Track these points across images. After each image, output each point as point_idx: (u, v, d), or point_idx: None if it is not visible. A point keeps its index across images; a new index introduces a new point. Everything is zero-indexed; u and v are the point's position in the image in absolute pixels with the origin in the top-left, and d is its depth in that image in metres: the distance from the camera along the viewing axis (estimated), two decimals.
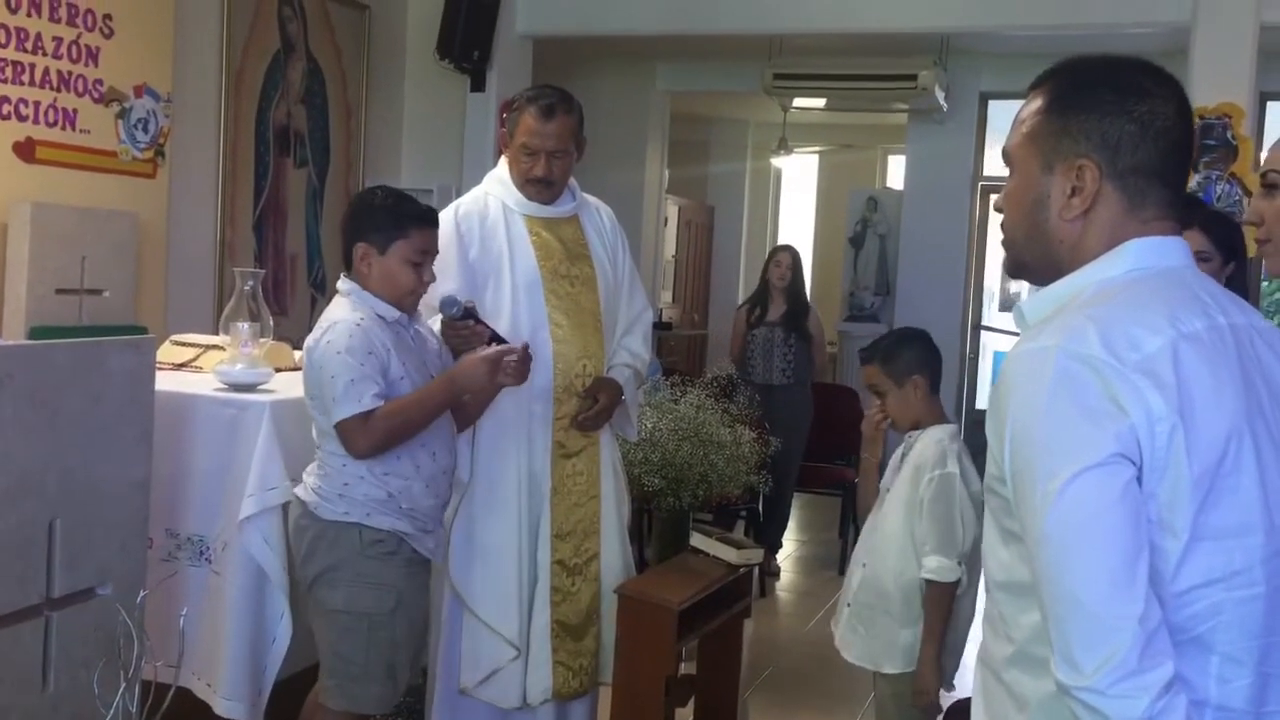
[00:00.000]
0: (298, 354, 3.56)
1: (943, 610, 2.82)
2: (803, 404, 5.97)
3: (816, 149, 10.38)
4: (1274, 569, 1.29)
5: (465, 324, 2.83)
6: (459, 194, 6.62)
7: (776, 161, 10.17)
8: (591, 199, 3.33)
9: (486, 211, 3.13)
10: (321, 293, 6.37)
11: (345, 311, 2.63)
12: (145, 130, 4.99)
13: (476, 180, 6.65)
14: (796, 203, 10.93)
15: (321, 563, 2.62)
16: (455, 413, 2.81)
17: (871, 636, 2.92)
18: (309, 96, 6.27)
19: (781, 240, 10.68)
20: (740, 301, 8.50)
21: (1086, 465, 1.24)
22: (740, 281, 10.07)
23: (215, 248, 5.60)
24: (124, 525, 2.37)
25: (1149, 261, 1.37)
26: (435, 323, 2.93)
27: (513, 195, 3.15)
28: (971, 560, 2.82)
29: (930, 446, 2.89)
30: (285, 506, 2.88)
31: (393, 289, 2.65)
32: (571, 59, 7.84)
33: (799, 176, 10.85)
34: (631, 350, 3.28)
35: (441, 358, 2.86)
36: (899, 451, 3.02)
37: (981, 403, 8.68)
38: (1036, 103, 1.45)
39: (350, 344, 2.54)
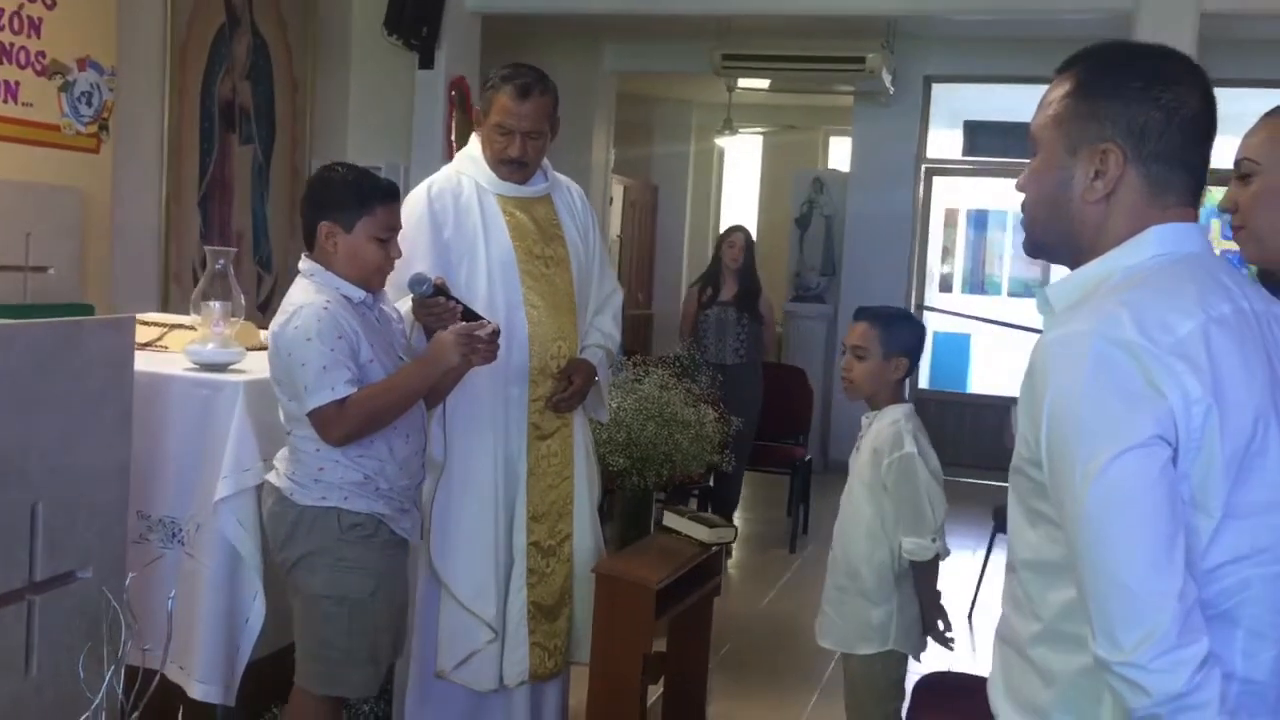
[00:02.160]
0: (264, 333, 3.52)
1: (932, 584, 2.89)
2: (754, 383, 6.03)
3: (760, 130, 10.43)
4: None
5: (437, 301, 2.78)
6: (408, 172, 6.62)
7: (720, 142, 10.19)
8: (563, 178, 3.32)
9: (460, 190, 3.11)
10: (268, 271, 6.27)
11: (310, 294, 2.57)
12: (89, 104, 4.87)
13: (426, 159, 6.68)
14: (740, 183, 10.97)
15: (300, 548, 2.59)
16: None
17: (844, 619, 2.97)
18: (254, 72, 6.15)
19: (725, 220, 10.73)
20: (685, 281, 8.56)
21: (1127, 446, 1.27)
22: (684, 261, 10.09)
23: (160, 224, 5.48)
24: (105, 508, 2.33)
25: (1171, 247, 1.41)
26: (403, 303, 2.89)
27: (486, 174, 3.12)
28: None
29: (886, 428, 2.93)
30: (258, 488, 2.84)
31: (359, 267, 2.61)
32: (520, 37, 7.78)
33: (742, 157, 10.88)
34: (603, 331, 3.28)
35: (408, 337, 2.83)
36: (859, 434, 3.07)
37: (924, 382, 8.82)
38: (1064, 86, 1.47)
39: (319, 329, 2.49)
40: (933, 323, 8.51)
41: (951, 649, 3.02)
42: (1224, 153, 1.67)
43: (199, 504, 2.89)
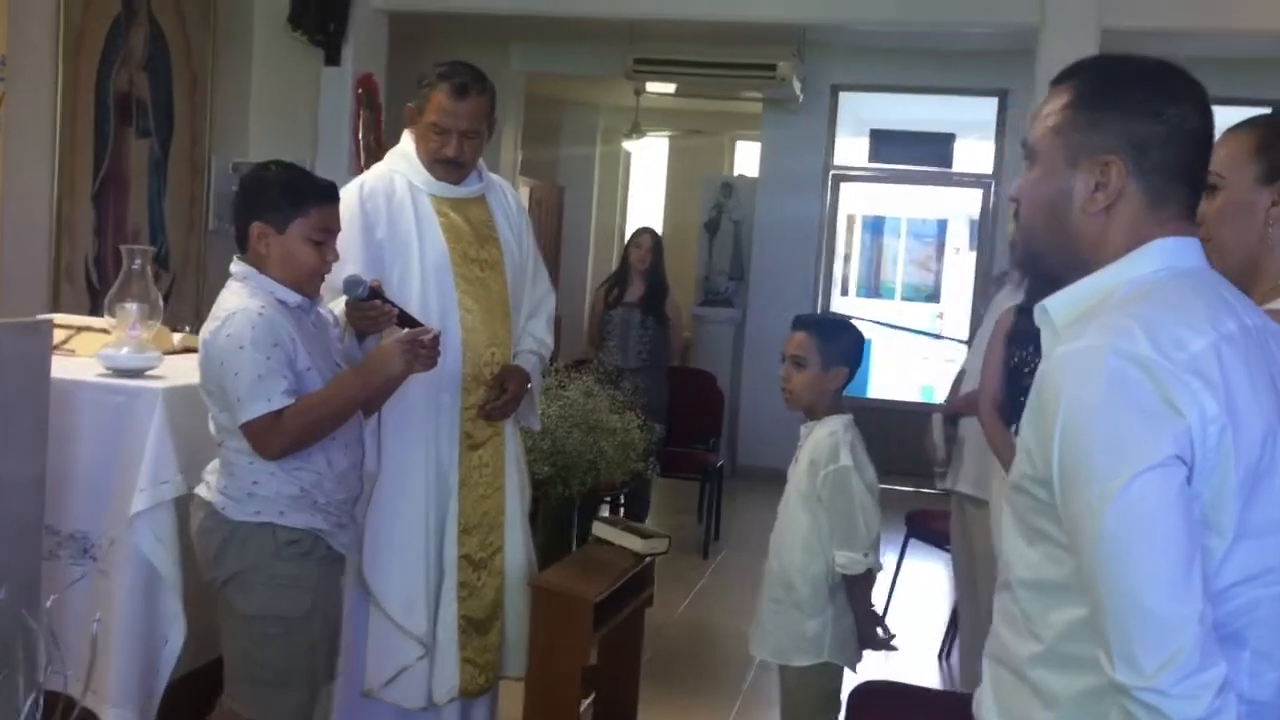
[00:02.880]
0: (178, 336, 3.36)
1: (865, 597, 2.89)
2: (658, 388, 5.97)
3: (666, 134, 10.43)
4: None
5: (373, 304, 2.68)
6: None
7: (627, 145, 10.16)
8: (497, 179, 3.24)
9: (393, 189, 3.00)
10: (165, 269, 6.04)
11: (243, 299, 2.44)
12: None
13: (332, 158, 6.51)
14: (645, 186, 10.95)
15: (232, 566, 2.46)
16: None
17: (779, 631, 2.94)
18: (152, 64, 5.92)
19: (631, 223, 10.70)
20: (591, 284, 8.50)
21: (1146, 466, 1.25)
22: (590, 264, 10.04)
23: (51, 220, 5.23)
24: (19, 522, 2.20)
25: (1173, 261, 1.40)
26: (337, 305, 2.78)
27: (420, 174, 3.02)
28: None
29: (824, 440, 2.92)
30: (177, 501, 2.70)
31: (293, 270, 2.49)
32: (427, 35, 7.64)
33: (648, 161, 10.87)
34: (536, 336, 3.21)
35: (344, 342, 2.72)
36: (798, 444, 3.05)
37: None
38: (1064, 97, 1.45)
39: (254, 336, 2.37)
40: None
41: (895, 649, 3.01)
42: None
43: (112, 518, 2.74)
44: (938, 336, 9.98)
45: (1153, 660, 1.23)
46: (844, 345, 2.96)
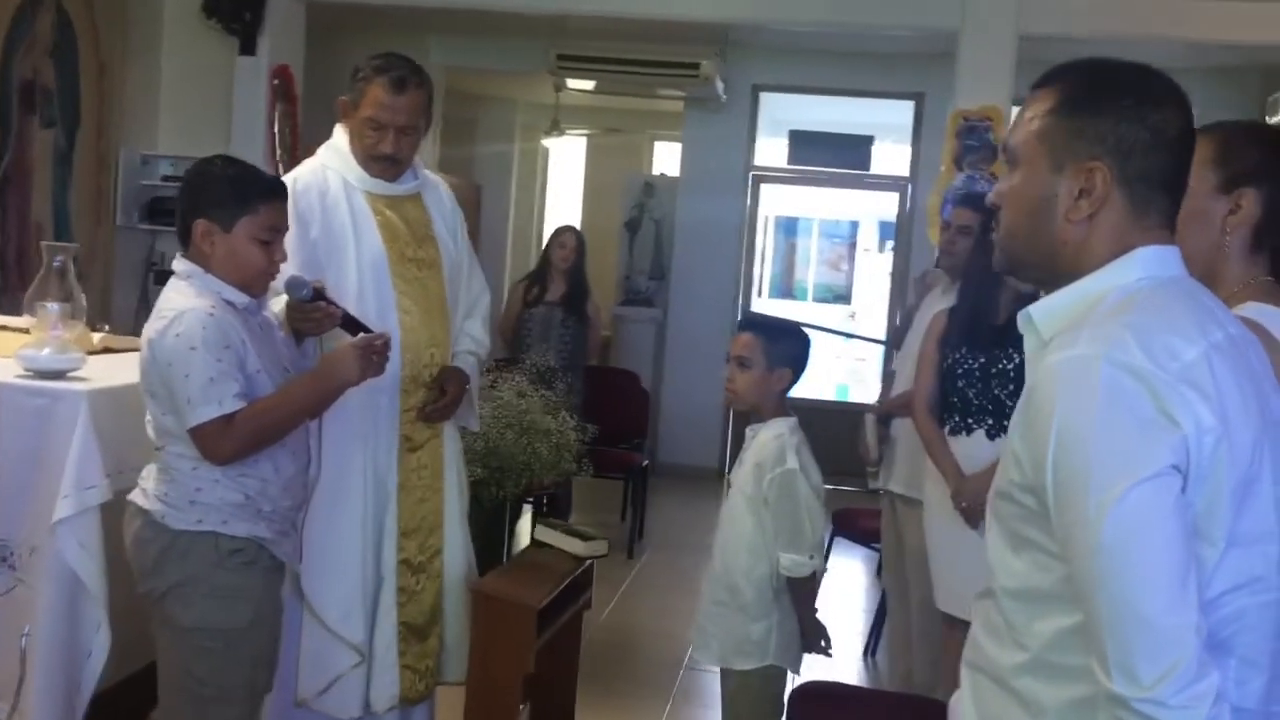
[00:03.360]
0: (97, 336, 3.23)
1: (809, 600, 2.89)
2: (578, 386, 5.91)
3: (584, 132, 10.37)
4: None
5: (316, 306, 2.60)
6: None
7: (546, 142, 10.09)
8: (432, 176, 3.16)
9: (327, 186, 2.91)
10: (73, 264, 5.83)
11: (190, 299, 2.34)
12: None
13: (246, 150, 6.34)
14: (562, 185, 10.88)
15: (172, 577, 2.35)
16: None
17: (723, 634, 2.92)
18: (58, 51, 5.71)
19: (550, 221, 10.62)
20: (508, 282, 8.41)
21: (1144, 476, 1.24)
22: (508, 262, 9.94)
23: None
24: None
25: (1157, 270, 1.40)
26: (276, 304, 2.69)
27: (354, 170, 2.94)
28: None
29: (770, 442, 2.91)
30: (103, 507, 2.59)
31: (239, 270, 2.40)
32: (345, 25, 7.49)
33: (567, 158, 10.80)
34: (474, 336, 3.15)
35: (289, 345, 2.63)
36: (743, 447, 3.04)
37: None
38: (1047, 102, 1.44)
39: (205, 337, 2.28)
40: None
41: (831, 656, 3.02)
42: None
43: (33, 525, 2.61)
44: (851, 336, 10.09)
45: (1152, 671, 1.22)
46: (789, 348, 2.95)
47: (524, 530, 5.58)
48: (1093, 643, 1.28)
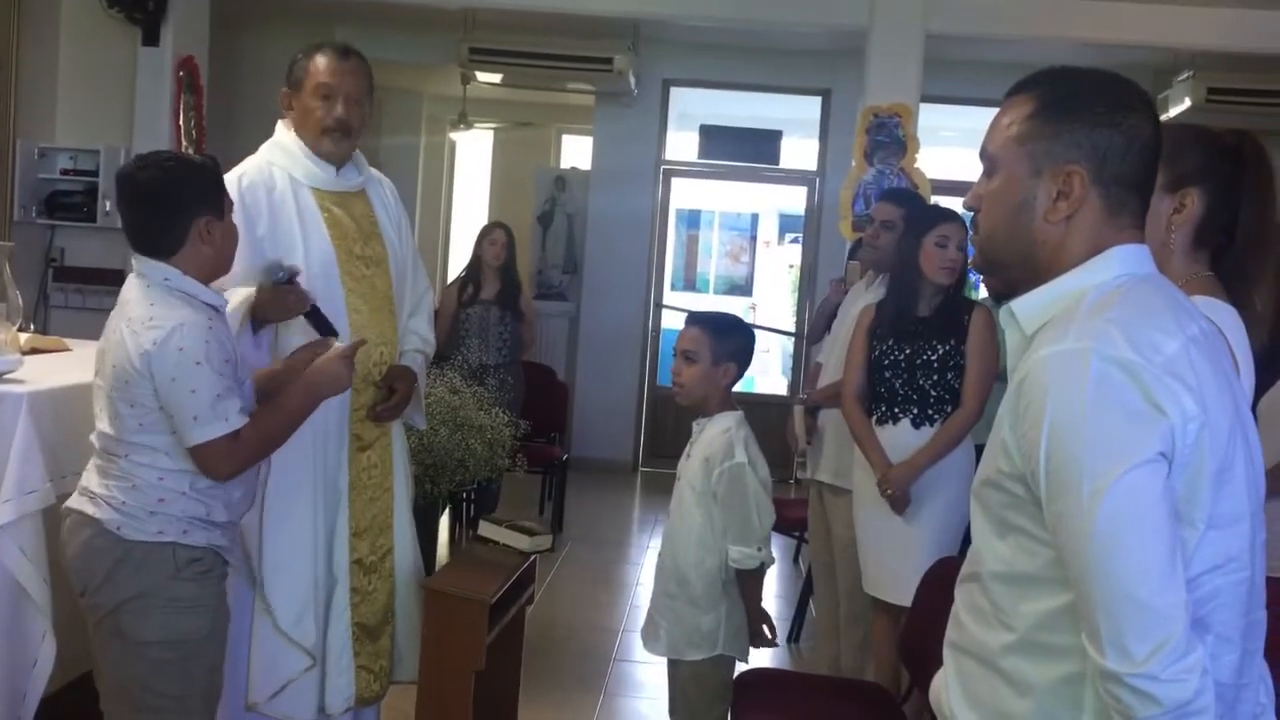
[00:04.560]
0: (24, 337, 3.13)
1: (757, 591, 2.95)
2: (517, 383, 5.96)
3: (491, 125, 10.30)
4: (1255, 553, 1.44)
5: (291, 289, 2.64)
6: (130, 156, 6.09)
7: (453, 136, 10.00)
8: (375, 172, 3.15)
9: (273, 183, 2.87)
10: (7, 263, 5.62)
11: (180, 309, 2.27)
12: None
13: (150, 143, 6.19)
14: (470, 179, 10.80)
15: (126, 590, 2.27)
16: None
17: (673, 626, 2.97)
18: None
19: (457, 216, 10.53)
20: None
21: (1134, 464, 1.32)
22: None
23: None
24: None
25: (1133, 268, 1.48)
26: (234, 295, 2.64)
27: (300, 166, 2.91)
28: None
29: (718, 436, 2.96)
30: (45, 513, 2.53)
31: (227, 257, 2.41)
32: (249, 16, 7.35)
33: (473, 153, 10.72)
34: (420, 334, 3.14)
35: (243, 338, 2.60)
36: (690, 441, 3.08)
37: (663, 378, 8.99)
38: (1025, 107, 1.50)
39: (209, 352, 2.24)
40: (670, 320, 8.68)
41: (776, 645, 3.10)
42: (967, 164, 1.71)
43: None
44: (755, 327, 10.22)
45: (1144, 647, 1.30)
46: (733, 342, 3.01)
47: (444, 528, 5.56)
48: (1085, 622, 1.35)
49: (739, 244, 12.63)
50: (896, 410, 3.61)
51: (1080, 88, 1.50)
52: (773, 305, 11.13)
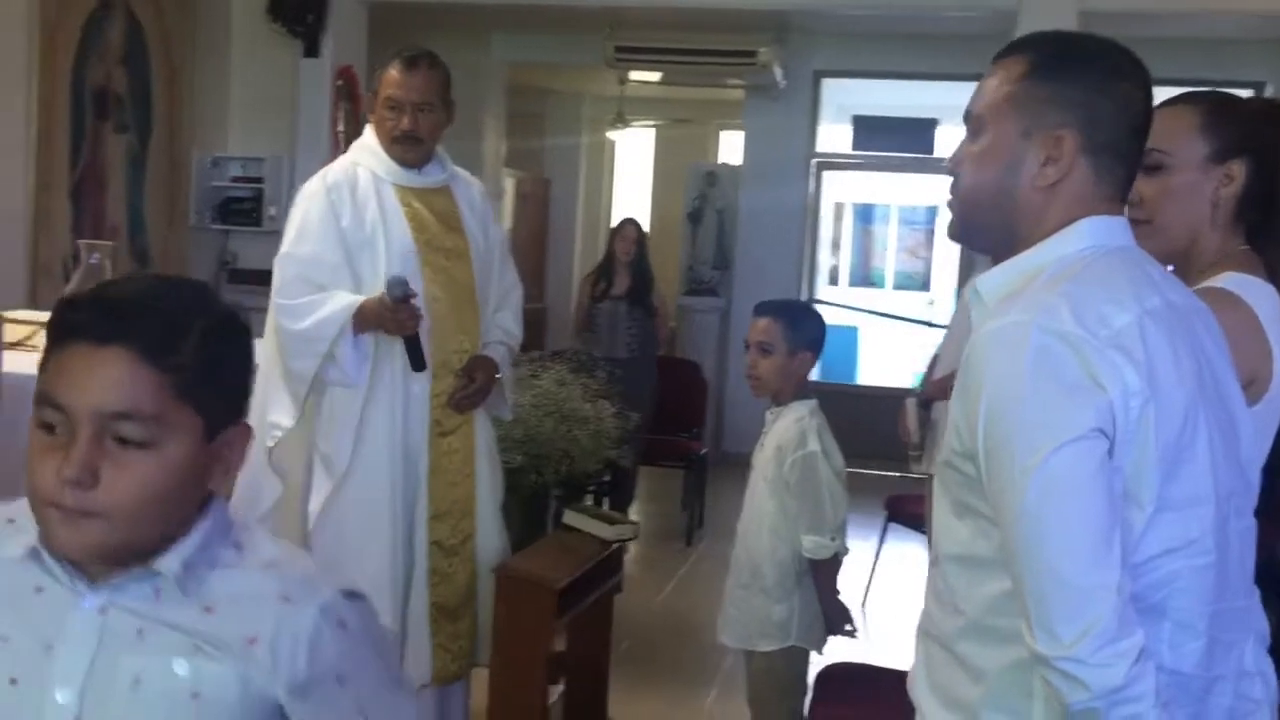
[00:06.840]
0: None
1: (831, 582, 2.90)
2: (647, 377, 6.00)
3: (651, 123, 10.41)
4: (1221, 538, 1.35)
5: (407, 306, 2.81)
6: (293, 164, 6.43)
7: (612, 135, 10.14)
8: (462, 172, 3.24)
9: (356, 181, 3.01)
10: (145, 265, 6.04)
11: None
12: None
13: (311, 150, 6.50)
14: (632, 176, 10.94)
15: None
16: None
17: (746, 616, 2.95)
18: (130, 58, 5.91)
19: (618, 214, 10.68)
20: (578, 275, 8.50)
21: (1067, 439, 1.25)
22: (577, 255, 10.03)
23: (28, 215, 5.23)
24: None
25: (1103, 240, 1.40)
26: (334, 303, 2.84)
27: (383, 163, 3.03)
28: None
29: (791, 425, 2.93)
30: None
31: None
32: (407, 25, 7.62)
33: (634, 150, 10.86)
34: (505, 328, 3.21)
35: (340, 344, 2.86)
36: (764, 430, 3.06)
37: (814, 374, 8.91)
38: (1018, 68, 1.43)
39: None
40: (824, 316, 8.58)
41: (855, 637, 3.03)
42: None
43: None
44: (928, 324, 9.98)
45: (1071, 630, 1.24)
46: (808, 330, 2.97)
47: None
48: (1019, 604, 1.30)
49: (916, 238, 12.36)
50: None
51: (1074, 51, 1.43)
52: (951, 301, 10.87)
